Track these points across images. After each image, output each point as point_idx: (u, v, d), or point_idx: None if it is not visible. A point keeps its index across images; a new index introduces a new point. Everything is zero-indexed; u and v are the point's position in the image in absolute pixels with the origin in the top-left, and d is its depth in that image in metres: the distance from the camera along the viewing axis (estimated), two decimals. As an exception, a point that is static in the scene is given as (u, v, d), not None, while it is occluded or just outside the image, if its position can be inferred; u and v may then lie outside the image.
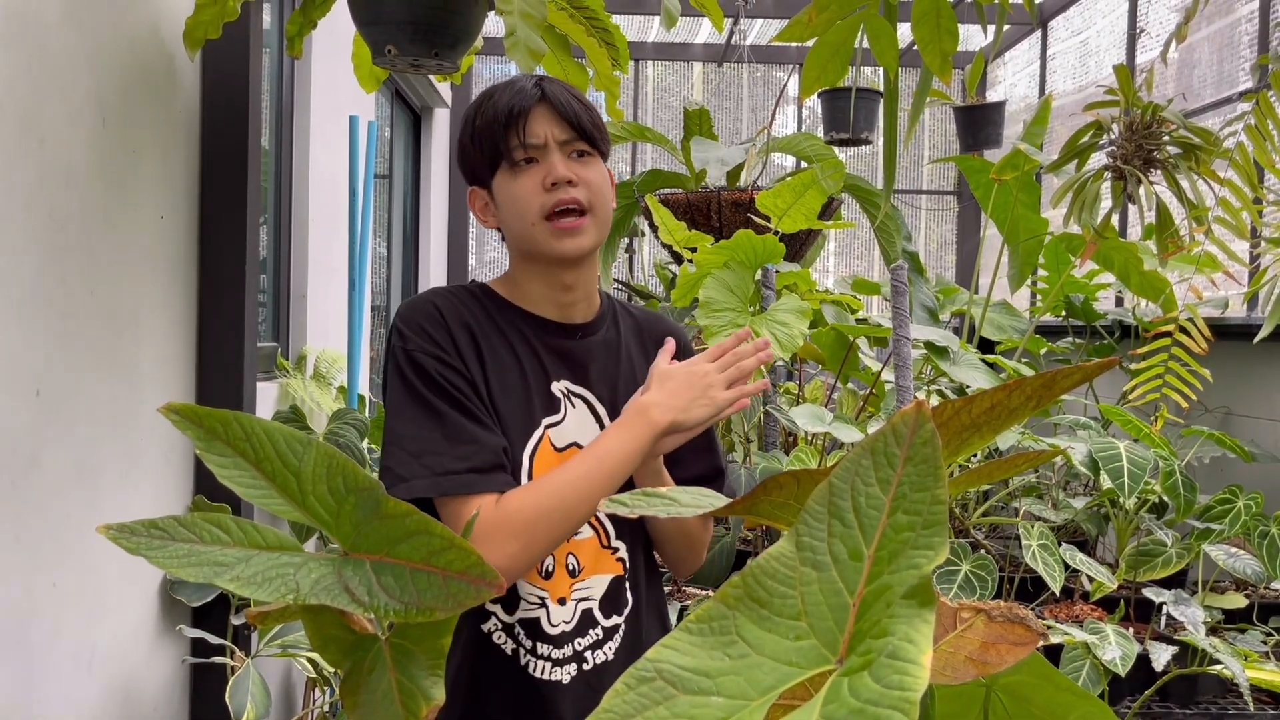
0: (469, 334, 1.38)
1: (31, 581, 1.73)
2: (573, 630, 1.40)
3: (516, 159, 1.39)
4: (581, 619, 1.41)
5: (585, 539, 1.43)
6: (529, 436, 1.39)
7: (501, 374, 1.39)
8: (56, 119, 1.77)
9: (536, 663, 1.38)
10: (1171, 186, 2.32)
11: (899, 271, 2.64)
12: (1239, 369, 3.54)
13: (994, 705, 0.81)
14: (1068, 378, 0.72)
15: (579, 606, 1.41)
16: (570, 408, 1.43)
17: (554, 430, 1.41)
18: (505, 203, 1.41)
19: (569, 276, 1.43)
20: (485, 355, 1.38)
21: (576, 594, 1.41)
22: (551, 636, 1.39)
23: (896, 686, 0.54)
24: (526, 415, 1.39)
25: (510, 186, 1.40)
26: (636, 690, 0.59)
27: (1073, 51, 5.81)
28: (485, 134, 1.40)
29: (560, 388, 1.43)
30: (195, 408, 0.86)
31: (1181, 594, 2.48)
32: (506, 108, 1.39)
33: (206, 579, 0.82)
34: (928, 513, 0.60)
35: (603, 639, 1.42)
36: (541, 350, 1.42)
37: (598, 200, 1.41)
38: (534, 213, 1.38)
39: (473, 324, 1.40)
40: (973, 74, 2.33)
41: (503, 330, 1.41)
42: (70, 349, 1.82)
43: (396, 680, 0.87)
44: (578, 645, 1.40)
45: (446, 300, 1.41)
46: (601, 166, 1.44)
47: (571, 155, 1.40)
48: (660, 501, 0.89)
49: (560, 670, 1.39)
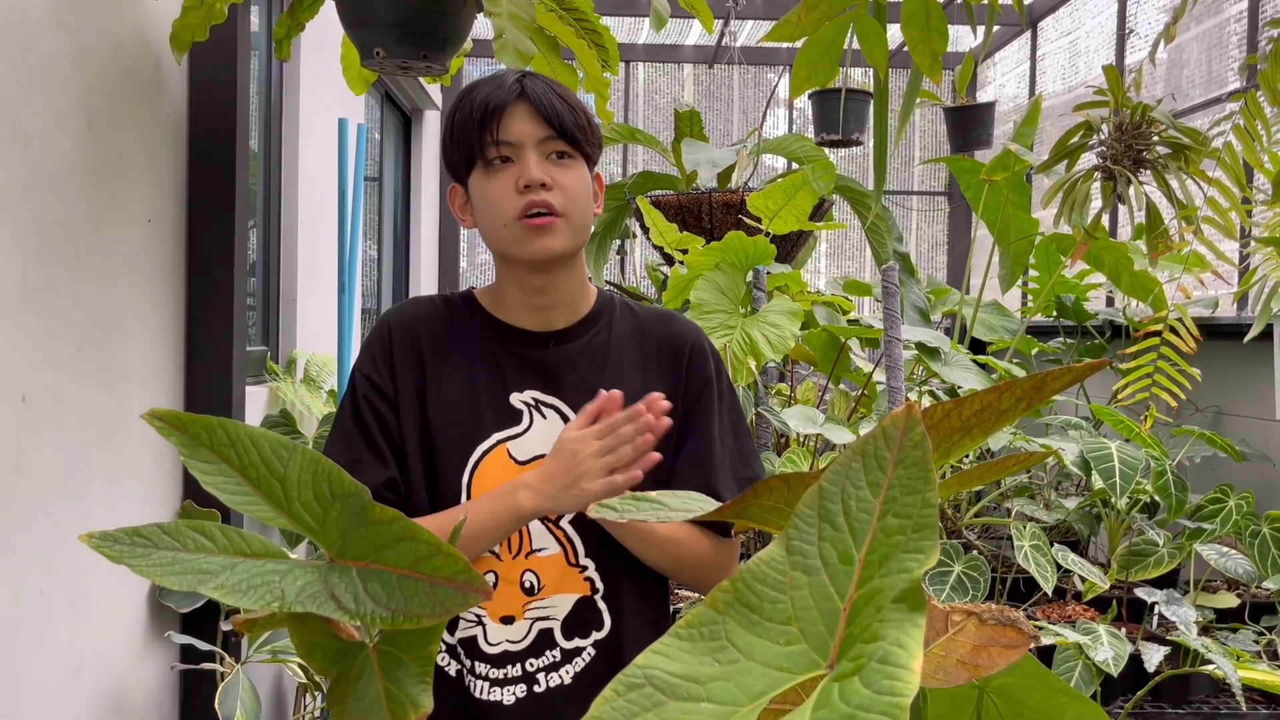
0: (415, 354, 1.37)
1: (18, 589, 1.71)
2: (525, 650, 1.35)
3: (491, 157, 1.33)
4: (538, 639, 1.36)
5: (549, 555, 1.37)
6: (471, 452, 1.35)
7: (443, 389, 1.36)
8: (43, 122, 1.76)
9: (476, 682, 1.35)
10: (1161, 186, 2.32)
11: (890, 272, 2.64)
12: (1229, 368, 3.54)
13: (987, 707, 0.81)
14: (1058, 379, 0.72)
15: (535, 626, 1.36)
16: (539, 418, 1.37)
17: (514, 443, 1.36)
18: (479, 203, 1.37)
19: (540, 280, 1.37)
20: (428, 375, 1.37)
21: (533, 613, 1.36)
22: (490, 656, 1.35)
23: (887, 692, 0.54)
24: (470, 429, 1.36)
25: (484, 186, 1.35)
26: (625, 697, 0.58)
27: (1062, 52, 5.82)
28: (462, 130, 1.34)
29: (525, 398, 1.38)
30: (179, 414, 0.85)
31: (1173, 594, 2.48)
32: (484, 103, 1.33)
33: (190, 587, 0.81)
34: (918, 516, 0.59)
35: (560, 661, 1.36)
36: (505, 361, 1.38)
37: (573, 206, 1.34)
38: (506, 215, 1.33)
39: (425, 341, 1.38)
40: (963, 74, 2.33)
41: (464, 342, 1.38)
42: (57, 354, 1.81)
43: (384, 688, 0.86)
44: (529, 666, 1.35)
45: (406, 314, 1.40)
46: (582, 171, 1.36)
47: (549, 156, 1.34)
48: (650, 505, 0.88)
49: (502, 690, 1.35)
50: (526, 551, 1.37)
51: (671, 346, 1.43)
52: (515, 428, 1.37)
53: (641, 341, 1.43)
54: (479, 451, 1.36)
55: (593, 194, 1.41)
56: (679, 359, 1.42)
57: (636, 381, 1.41)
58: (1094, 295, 4.15)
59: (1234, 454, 3.00)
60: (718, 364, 1.46)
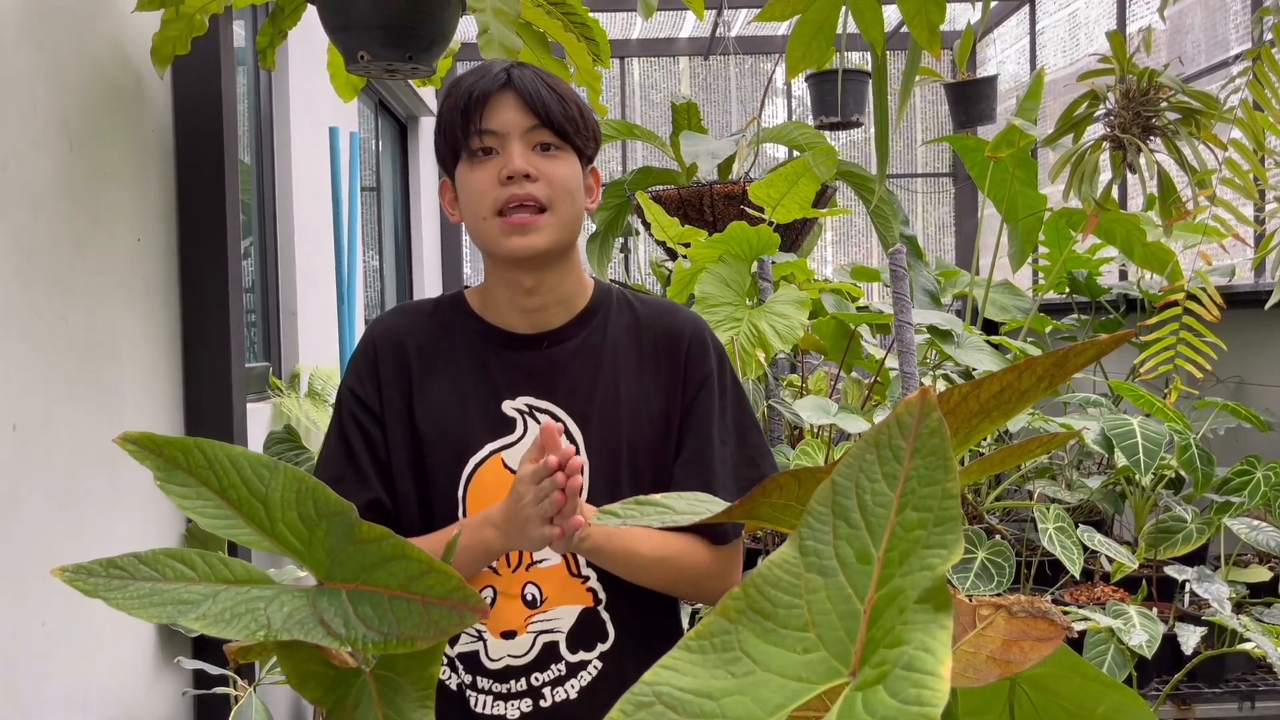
0: (401, 367, 1.33)
1: (18, 623, 1.67)
2: (529, 664, 1.32)
3: (474, 148, 1.29)
4: (543, 653, 1.32)
5: (551, 566, 1.33)
6: (464, 464, 1.31)
7: (431, 401, 1.32)
8: (18, 142, 1.72)
9: (477, 696, 1.32)
10: (1172, 153, 2.26)
11: (897, 255, 2.59)
12: (1250, 337, 3.47)
13: (1019, 698, 0.78)
14: (1080, 354, 0.67)
15: (539, 640, 1.32)
16: (534, 425, 1.32)
17: (509, 452, 1.32)
18: (463, 196, 1.32)
19: (528, 279, 1.31)
20: (415, 384, 1.32)
21: (536, 626, 1.32)
22: (492, 671, 1.31)
23: (915, 701, 0.50)
24: (461, 442, 1.31)
25: (467, 178, 1.30)
26: (634, 717, 0.55)
27: (1062, 25, 5.75)
28: (448, 120, 1.30)
29: (518, 405, 1.33)
30: (153, 436, 0.81)
31: (1204, 570, 2.42)
32: (468, 92, 1.28)
33: (170, 619, 0.76)
34: (939, 508, 0.56)
35: (565, 675, 1.32)
36: (496, 368, 1.33)
37: (559, 198, 1.28)
38: (485, 208, 1.28)
39: (411, 353, 1.33)
40: (962, 49, 2.28)
41: (454, 350, 1.34)
42: (46, 379, 1.77)
43: (384, 715, 0.82)
44: (534, 680, 1.32)
45: (390, 325, 1.36)
46: (571, 162, 1.31)
47: (535, 147, 1.29)
48: (654, 509, 0.84)
49: (506, 705, 1.31)
50: (527, 564, 1.33)
51: (669, 342, 1.37)
52: (509, 436, 1.32)
53: (639, 337, 1.37)
54: (472, 464, 1.31)
55: (586, 189, 1.35)
56: (677, 354, 1.37)
57: (633, 382, 1.35)
58: (1106, 270, 4.08)
59: (1259, 424, 2.94)
60: (720, 357, 1.39)
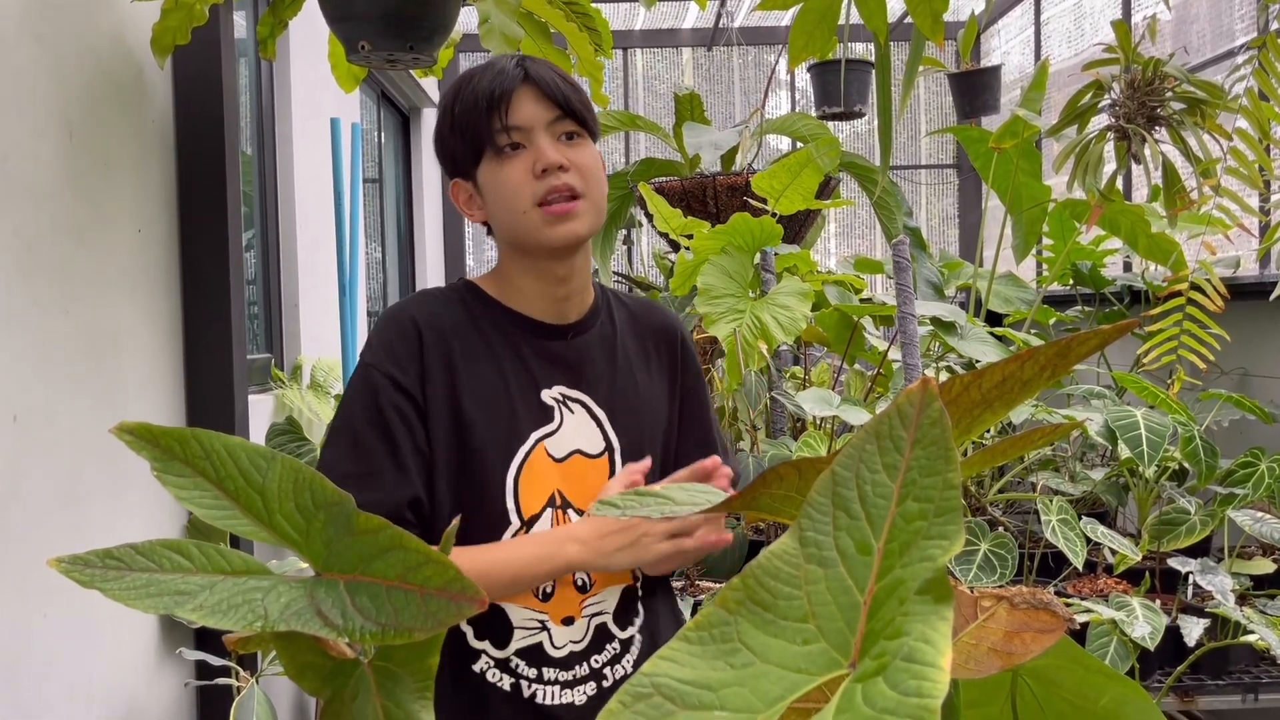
0: (444, 349, 1.31)
1: (20, 616, 1.68)
2: (587, 648, 1.34)
3: (501, 145, 1.30)
4: (596, 635, 1.35)
5: None
6: (514, 454, 1.32)
7: (479, 389, 1.31)
8: (18, 134, 1.71)
9: (543, 689, 1.32)
10: (1177, 143, 2.25)
11: (901, 247, 2.58)
12: (1255, 329, 3.46)
13: (1021, 690, 0.77)
14: (1084, 344, 0.67)
15: (592, 622, 1.35)
16: (568, 414, 1.35)
17: (550, 441, 1.33)
18: (492, 193, 1.32)
19: (562, 268, 1.34)
20: (460, 371, 1.30)
21: (588, 610, 1.35)
22: (558, 660, 1.32)
23: (914, 693, 0.49)
24: (510, 431, 1.32)
25: (497, 175, 1.31)
26: (632, 709, 0.54)
27: (1067, 14, 5.72)
28: (466, 121, 1.30)
29: (554, 394, 1.35)
30: (150, 426, 0.80)
31: (1208, 562, 2.41)
32: (488, 91, 1.29)
33: (167, 610, 0.76)
34: (940, 499, 0.55)
35: (620, 653, 1.36)
36: (531, 356, 1.34)
37: (591, 184, 1.32)
38: (525, 201, 1.29)
39: (452, 335, 1.32)
40: (966, 38, 2.27)
41: (487, 337, 1.34)
42: (47, 371, 1.77)
43: (382, 706, 0.81)
44: (594, 663, 1.34)
45: (428, 309, 1.33)
46: (593, 148, 1.35)
47: (560, 138, 1.31)
48: (654, 500, 0.84)
49: (573, 692, 1.32)
50: None
51: (665, 336, 1.45)
52: (549, 425, 1.34)
53: (638, 331, 1.44)
54: (522, 453, 1.32)
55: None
56: (674, 348, 1.45)
57: (643, 372, 1.41)
58: (1111, 261, 4.07)
59: (1263, 416, 2.92)
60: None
